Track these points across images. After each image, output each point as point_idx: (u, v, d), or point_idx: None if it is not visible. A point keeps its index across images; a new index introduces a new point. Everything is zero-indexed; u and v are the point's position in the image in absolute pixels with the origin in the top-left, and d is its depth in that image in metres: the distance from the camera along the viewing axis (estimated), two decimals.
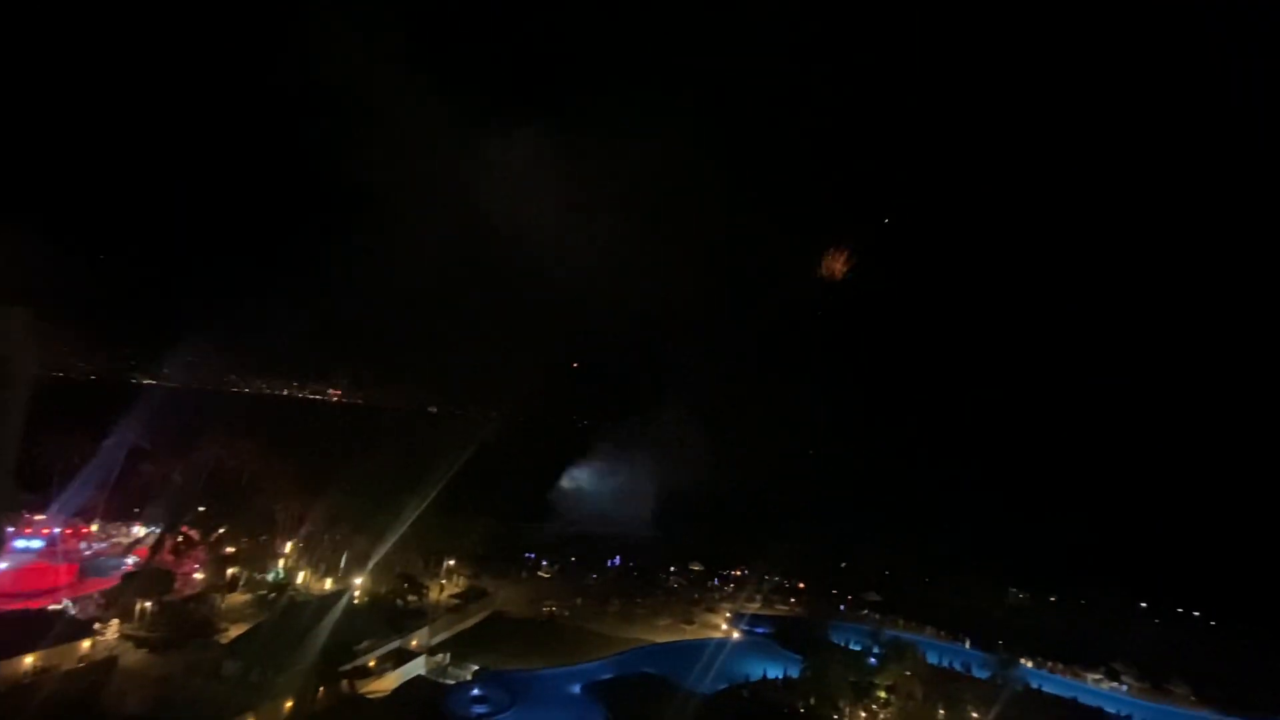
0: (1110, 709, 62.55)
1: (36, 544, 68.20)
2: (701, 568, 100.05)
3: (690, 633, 74.51)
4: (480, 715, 50.57)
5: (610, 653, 65.60)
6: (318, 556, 74.52)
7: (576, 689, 57.68)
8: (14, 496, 59.30)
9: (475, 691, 54.28)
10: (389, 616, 62.56)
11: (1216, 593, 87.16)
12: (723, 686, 58.92)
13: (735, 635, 74.37)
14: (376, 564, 69.67)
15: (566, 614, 77.12)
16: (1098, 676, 70.19)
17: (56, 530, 73.35)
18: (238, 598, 65.77)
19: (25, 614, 52.29)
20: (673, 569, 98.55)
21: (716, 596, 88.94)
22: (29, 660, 45.63)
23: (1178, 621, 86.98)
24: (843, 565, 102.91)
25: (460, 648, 62.42)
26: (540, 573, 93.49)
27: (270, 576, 70.57)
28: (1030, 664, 69.48)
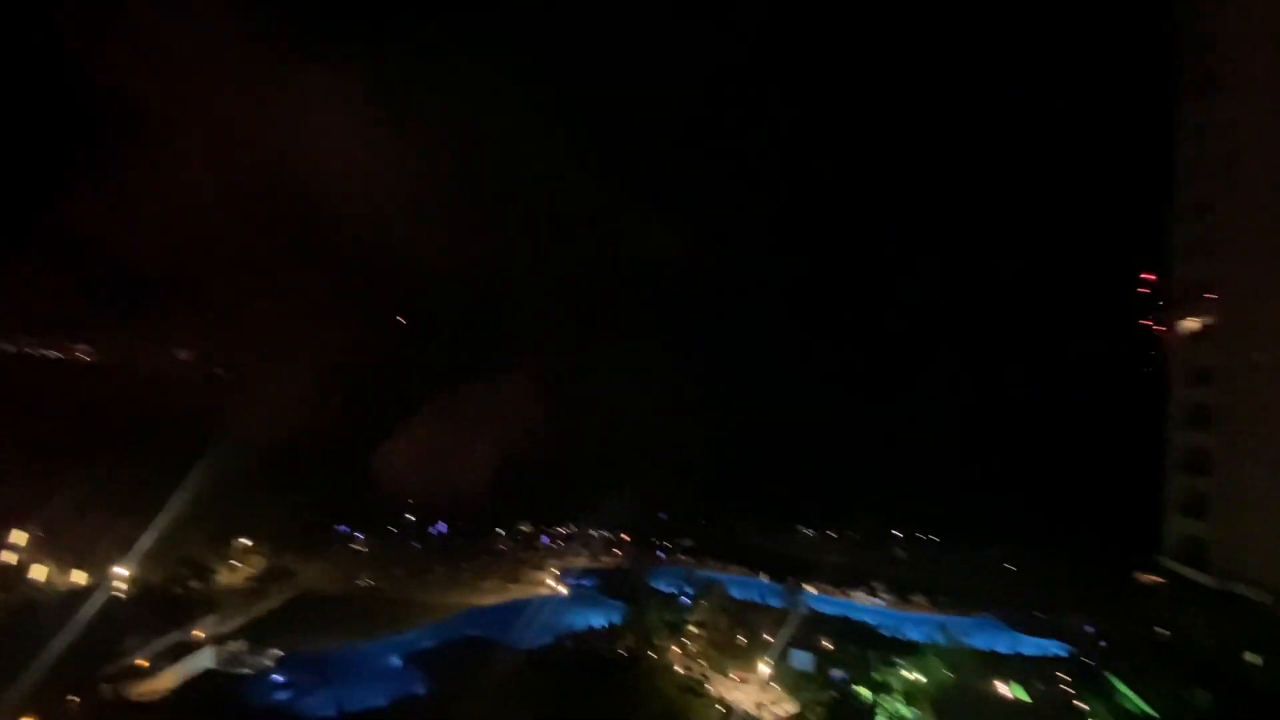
0: (869, 620, 75.45)
1: None
2: (530, 528, 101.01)
3: (516, 592, 75.25)
4: (285, 701, 46.82)
5: (433, 621, 64.15)
6: (64, 546, 62.17)
7: (396, 661, 55.70)
8: None
9: (278, 677, 50.00)
10: (165, 608, 54.69)
11: (952, 516, 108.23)
12: (547, 640, 60.73)
13: (562, 590, 76.70)
14: (147, 549, 60.06)
15: (385, 587, 73.45)
16: (861, 594, 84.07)
17: None
18: None
19: None
20: (501, 531, 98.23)
21: (544, 555, 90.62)
22: None
23: (922, 544, 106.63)
24: (663, 516, 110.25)
25: (260, 633, 56.67)
26: (355, 545, 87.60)
27: None
28: (812, 590, 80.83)
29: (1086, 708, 46.52)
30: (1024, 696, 49.78)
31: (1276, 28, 37.42)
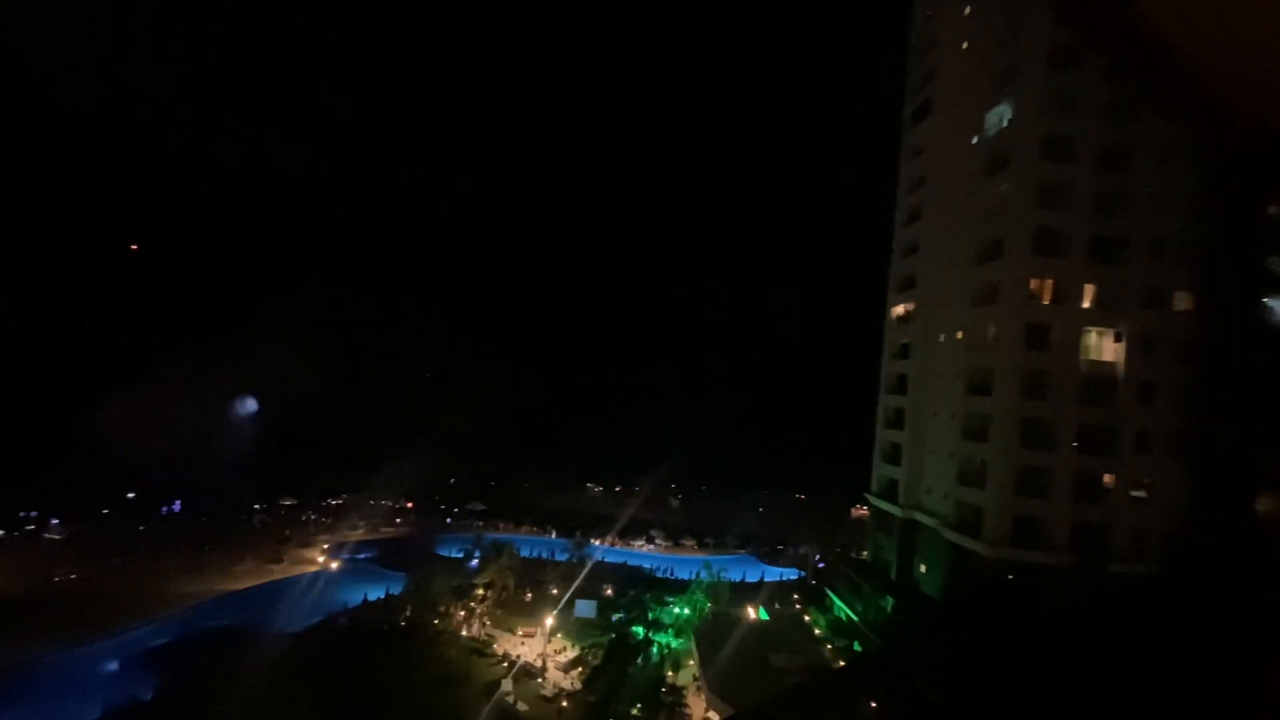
0: (647, 565, 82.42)
1: None
2: (295, 501, 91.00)
3: (278, 573, 67.67)
4: None
5: (167, 613, 54.87)
6: None
7: (113, 665, 46.73)
8: None
9: None
10: None
11: (720, 471, 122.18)
12: (316, 620, 55.96)
13: (333, 566, 70.81)
14: None
15: (97, 580, 60.69)
16: (641, 543, 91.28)
17: None
18: None
19: None
20: (257, 506, 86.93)
21: (312, 530, 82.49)
22: None
23: (692, 496, 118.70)
24: (451, 481, 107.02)
25: None
26: (51, 534, 70.78)
27: None
28: (597, 542, 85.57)
29: (810, 619, 56.93)
30: (766, 617, 59.04)
31: (970, 70, 47.24)
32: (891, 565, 52.28)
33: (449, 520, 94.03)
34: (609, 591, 65.62)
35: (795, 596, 64.31)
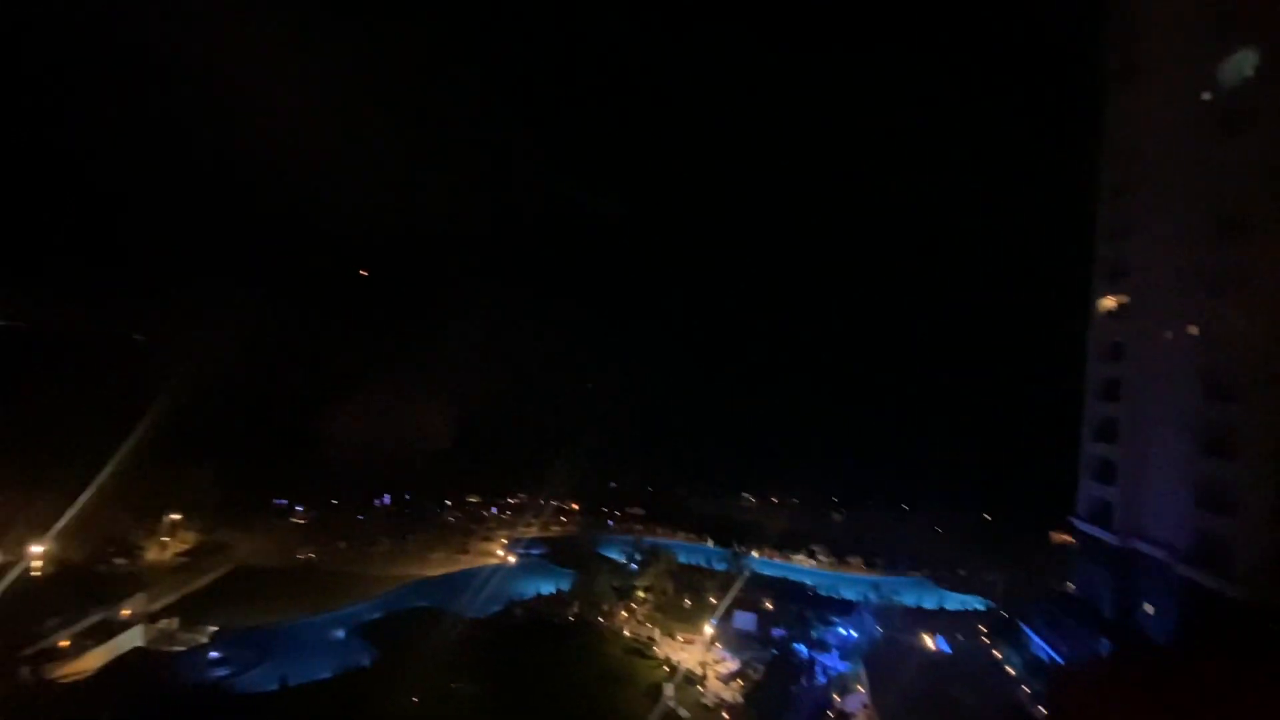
0: (808, 581, 78.97)
1: None
2: (478, 498, 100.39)
3: (465, 563, 75.02)
4: (221, 678, 45.63)
5: (379, 593, 63.41)
6: None
7: (340, 634, 54.93)
8: None
9: (214, 654, 48.63)
10: (88, 586, 52.05)
11: (887, 484, 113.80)
12: (496, 609, 61.07)
13: (511, 560, 76.91)
14: (65, 526, 56.68)
15: (327, 560, 71.94)
16: (801, 557, 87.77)
17: None
18: None
19: None
20: (448, 502, 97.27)
21: (493, 525, 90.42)
22: None
23: (858, 509, 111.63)
24: (612, 485, 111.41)
25: (194, 610, 54.84)
26: (294, 519, 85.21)
27: None
28: (756, 554, 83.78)
29: (1001, 656, 50.60)
30: (947, 649, 53.60)
31: (1187, 19, 39.48)
32: (1105, 602, 44.74)
33: (610, 523, 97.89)
34: (769, 606, 63.97)
35: (982, 629, 57.64)
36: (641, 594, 64.73)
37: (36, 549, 54.54)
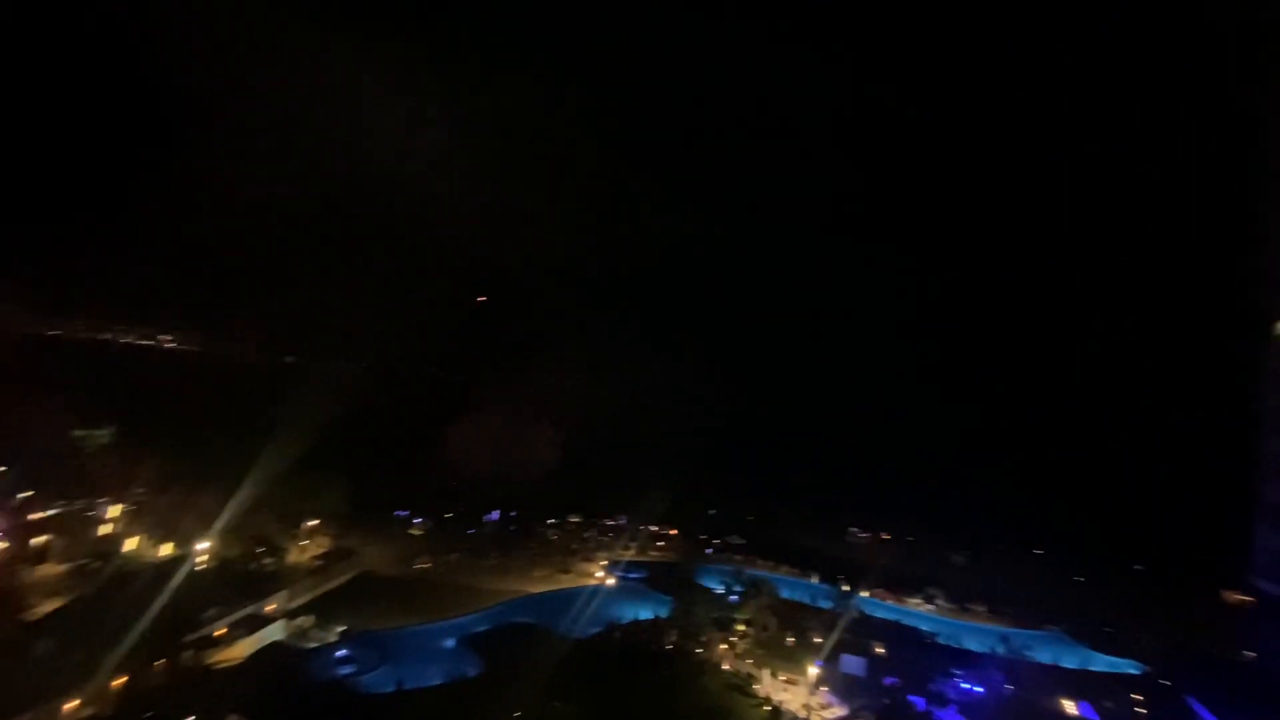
0: (924, 628, 73.00)
1: None
2: (579, 519, 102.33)
3: (566, 582, 76.46)
4: (347, 676, 49.11)
5: (486, 606, 65.93)
6: (152, 520, 67.00)
7: (450, 643, 57.58)
8: None
9: (341, 653, 52.50)
10: (240, 582, 58.20)
11: (1012, 528, 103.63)
12: (595, 630, 61.51)
13: (610, 582, 77.42)
14: (224, 526, 64.04)
15: (440, 571, 76.01)
16: (917, 601, 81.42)
17: None
18: (50, 569, 57.86)
19: None
20: (551, 521, 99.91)
21: (593, 546, 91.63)
22: None
23: (982, 552, 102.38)
24: (711, 512, 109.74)
25: (324, 610, 59.70)
26: (412, 530, 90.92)
27: (93, 544, 62.52)
28: (865, 593, 78.87)
29: None
30: (1094, 716, 47.33)
31: None
32: None
33: (709, 551, 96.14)
34: (880, 650, 59.79)
35: (1137, 698, 50.56)
36: (741, 627, 62.77)
37: (201, 545, 61.98)
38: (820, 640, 60.50)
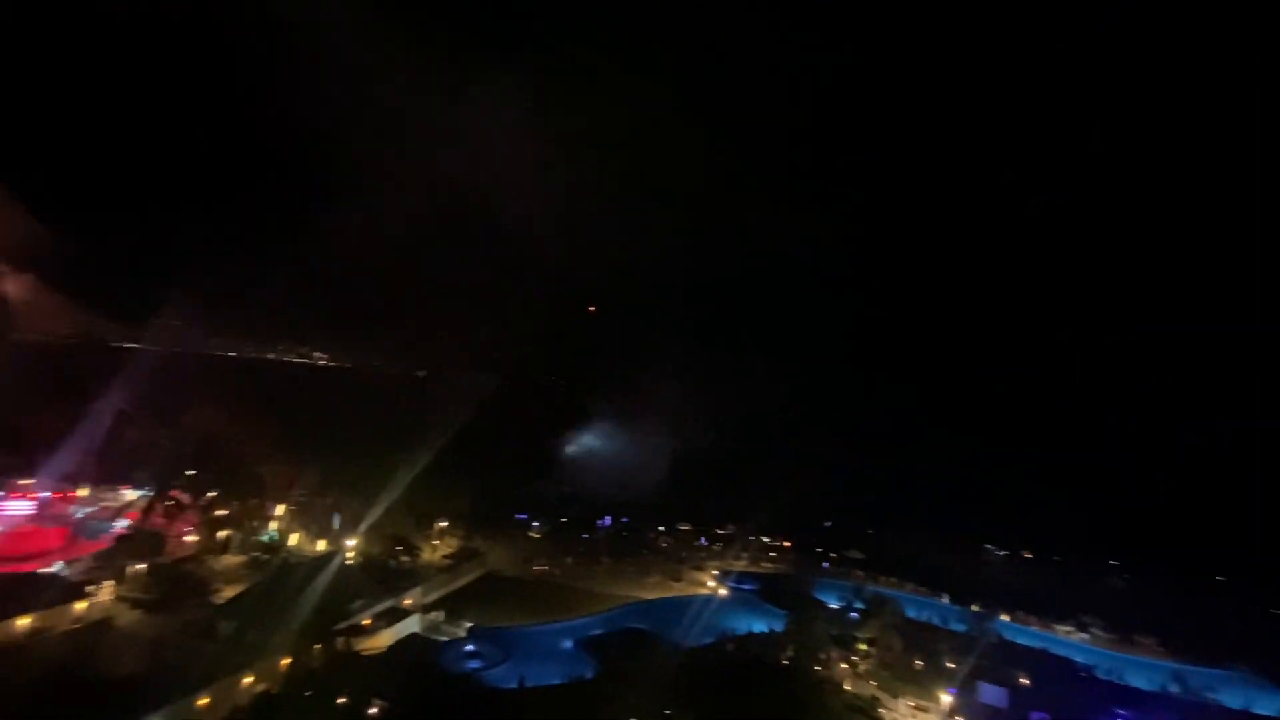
0: (1078, 659, 65.31)
1: (25, 507, 68.22)
2: (689, 527, 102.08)
3: (678, 590, 76.46)
4: (475, 670, 52.05)
5: (600, 610, 67.38)
6: (309, 519, 75.18)
7: (568, 644, 59.42)
8: None
9: (469, 647, 55.78)
10: (382, 577, 63.62)
11: (1184, 550, 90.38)
12: (708, 640, 60.87)
13: (722, 592, 76.43)
14: (368, 526, 70.49)
15: (557, 573, 78.82)
16: (1068, 628, 73.10)
17: (45, 494, 73.31)
18: (231, 559, 66.49)
19: (18, 577, 52.61)
20: (661, 528, 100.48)
21: (704, 555, 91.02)
22: (23, 622, 46.12)
23: (1148, 577, 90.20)
24: (827, 524, 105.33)
25: (453, 606, 63.79)
26: (531, 533, 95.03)
27: (263, 539, 71.22)
28: (1006, 617, 72.09)
29: None
30: None
31: None
32: None
33: (825, 565, 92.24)
34: (1024, 681, 54.33)
35: None
36: (864, 646, 59.53)
37: (350, 543, 68.62)
38: (953, 665, 56.01)
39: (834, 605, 70.89)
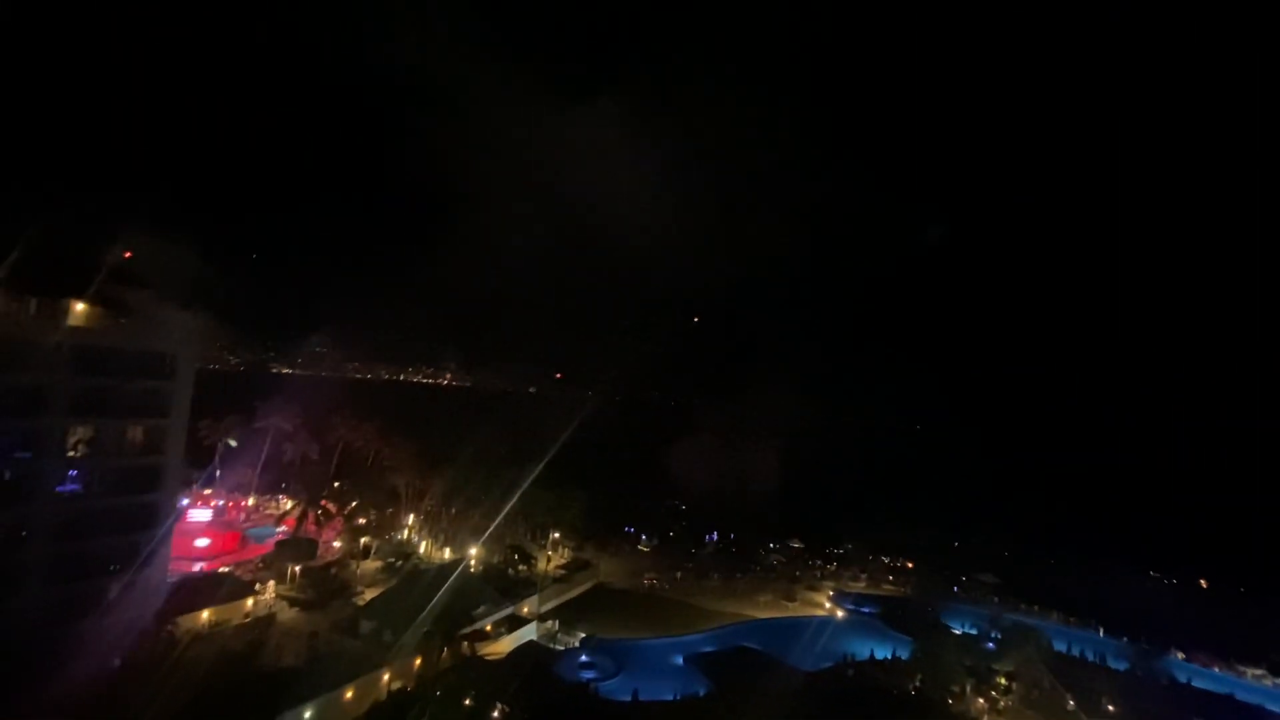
0: (1273, 707, 55.70)
1: (205, 514, 78.51)
2: (802, 545, 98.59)
3: (791, 610, 73.81)
4: (589, 680, 53.01)
5: (710, 626, 66.45)
6: (437, 528, 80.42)
7: (679, 659, 59.02)
8: (185, 473, 68.31)
9: (584, 658, 56.92)
10: (501, 585, 66.59)
11: None
12: (826, 665, 58.16)
13: (839, 614, 72.88)
14: (489, 535, 74.19)
15: (667, 587, 78.74)
16: (1259, 672, 62.61)
17: (220, 503, 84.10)
18: (370, 564, 72.44)
19: (202, 575, 60.47)
20: (773, 545, 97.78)
21: (818, 575, 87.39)
22: (206, 615, 52.84)
23: None
24: (955, 544, 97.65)
25: (567, 616, 65.48)
26: (640, 546, 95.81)
27: (397, 546, 77.07)
28: (1180, 655, 63.11)
29: None
30: None
31: None
32: None
33: (955, 589, 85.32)
34: None
35: None
36: (1003, 680, 54.25)
37: (473, 551, 72.54)
38: (1114, 709, 49.65)
39: (967, 633, 65.34)
